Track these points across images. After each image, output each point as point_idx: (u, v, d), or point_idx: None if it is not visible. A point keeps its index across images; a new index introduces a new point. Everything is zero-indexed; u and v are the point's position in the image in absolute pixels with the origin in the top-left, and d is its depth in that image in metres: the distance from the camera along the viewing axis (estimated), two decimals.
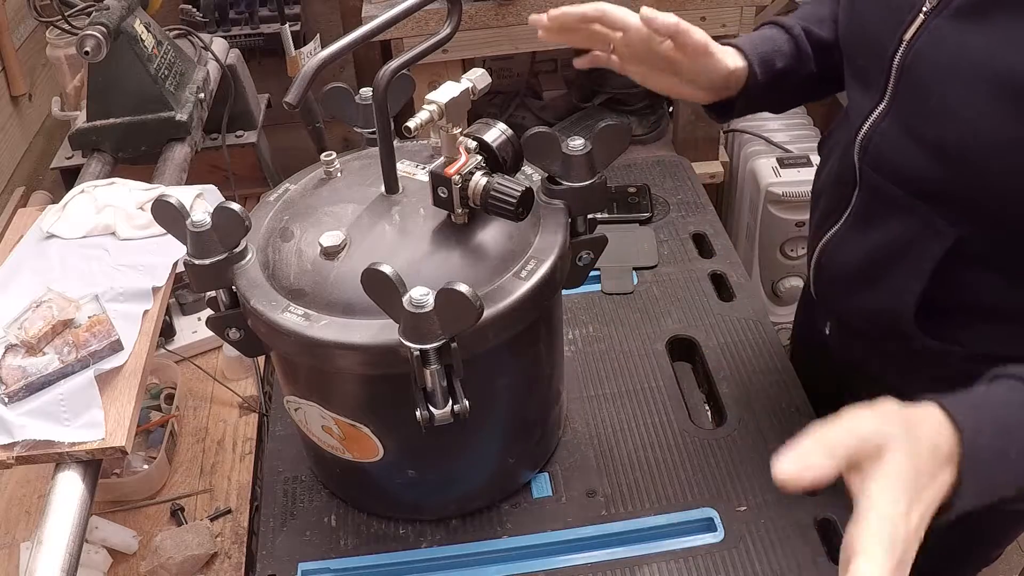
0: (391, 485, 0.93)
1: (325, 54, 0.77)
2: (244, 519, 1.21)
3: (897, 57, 0.81)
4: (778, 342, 1.13)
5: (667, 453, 0.99)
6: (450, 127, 0.80)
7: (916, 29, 0.79)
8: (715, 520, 0.92)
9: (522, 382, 0.90)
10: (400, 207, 0.84)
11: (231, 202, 0.80)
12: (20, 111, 1.79)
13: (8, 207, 1.63)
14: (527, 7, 1.70)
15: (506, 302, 0.78)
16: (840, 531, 0.90)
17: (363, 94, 0.95)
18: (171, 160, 1.39)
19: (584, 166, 0.86)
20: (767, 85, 0.95)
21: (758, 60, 0.95)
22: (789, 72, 0.97)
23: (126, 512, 1.23)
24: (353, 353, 0.77)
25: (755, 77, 0.94)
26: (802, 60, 0.98)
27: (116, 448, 0.88)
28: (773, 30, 0.99)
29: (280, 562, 0.92)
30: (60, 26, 1.50)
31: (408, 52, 0.82)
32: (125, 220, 1.09)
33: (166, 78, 1.44)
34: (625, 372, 1.10)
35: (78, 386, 0.90)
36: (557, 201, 0.87)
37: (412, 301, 0.71)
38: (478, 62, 1.91)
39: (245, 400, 1.37)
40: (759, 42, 0.97)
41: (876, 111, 0.85)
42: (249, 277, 0.83)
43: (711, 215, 1.34)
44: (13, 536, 1.20)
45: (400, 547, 0.93)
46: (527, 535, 0.93)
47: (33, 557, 0.81)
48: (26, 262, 1.07)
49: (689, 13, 1.73)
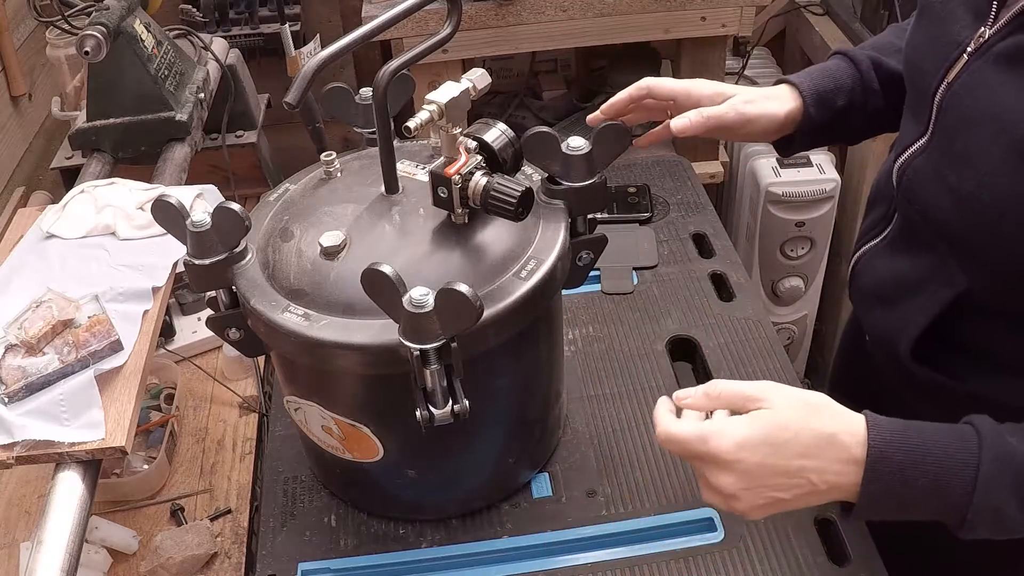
0: (391, 485, 0.93)
1: (325, 54, 0.77)
2: (244, 519, 1.21)
3: (938, 96, 0.79)
4: (778, 342, 1.12)
5: (667, 453, 0.99)
6: (450, 127, 0.80)
7: (959, 70, 0.78)
8: (715, 520, 0.92)
9: (522, 382, 0.90)
10: (400, 207, 0.84)
11: (231, 202, 0.80)
12: (20, 111, 1.78)
13: (8, 207, 1.63)
14: (527, 7, 1.70)
15: (506, 302, 0.78)
16: (840, 531, 0.90)
17: (363, 94, 0.95)
18: (171, 160, 1.39)
19: (584, 166, 0.86)
20: (827, 123, 0.95)
21: (814, 100, 0.94)
22: (852, 108, 0.96)
23: (126, 512, 1.23)
24: (353, 353, 0.77)
25: (810, 118, 0.94)
26: (868, 94, 0.96)
27: (116, 448, 0.88)
28: (840, 62, 0.98)
29: (280, 562, 0.92)
30: (60, 26, 1.50)
31: (408, 52, 0.82)
32: (125, 220, 1.09)
33: (166, 78, 1.44)
34: (625, 372, 1.10)
35: (78, 386, 0.90)
36: (557, 201, 0.87)
37: (412, 301, 0.71)
38: (478, 62, 1.91)
39: (245, 400, 1.37)
40: (819, 78, 0.96)
41: (916, 144, 0.84)
42: (249, 277, 0.83)
43: (711, 215, 1.34)
44: (13, 536, 1.20)
45: (400, 547, 0.93)
46: (527, 535, 0.93)
47: (33, 557, 0.81)
48: (26, 262, 1.07)
49: (689, 13, 1.74)
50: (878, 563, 0.87)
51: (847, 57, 0.98)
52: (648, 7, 1.71)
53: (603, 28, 1.74)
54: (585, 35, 1.75)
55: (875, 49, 0.99)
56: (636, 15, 1.73)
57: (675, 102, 0.96)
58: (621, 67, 2.03)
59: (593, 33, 1.75)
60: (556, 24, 1.72)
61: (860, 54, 0.98)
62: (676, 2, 1.72)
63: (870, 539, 0.89)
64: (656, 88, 0.96)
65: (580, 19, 1.72)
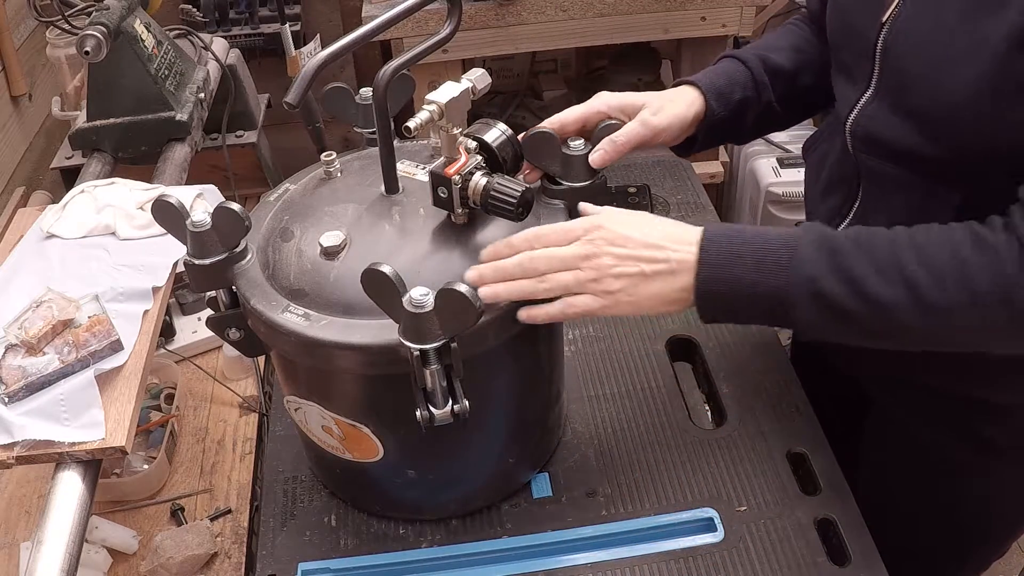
0: (391, 485, 0.93)
1: (325, 54, 0.77)
2: (244, 519, 1.21)
3: (880, 41, 0.83)
4: (778, 342, 1.12)
5: (667, 453, 0.99)
6: (450, 127, 0.80)
7: (893, 9, 0.81)
8: (715, 520, 0.92)
9: (522, 382, 0.90)
10: (400, 207, 0.84)
11: (231, 202, 0.80)
12: (20, 111, 1.79)
13: (8, 207, 1.63)
14: (527, 7, 1.70)
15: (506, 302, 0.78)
16: (840, 531, 0.90)
17: (363, 94, 0.95)
18: (171, 160, 1.39)
19: (584, 166, 0.86)
20: (726, 118, 0.98)
21: (714, 95, 0.97)
22: (748, 102, 0.99)
23: (126, 512, 1.23)
24: (353, 353, 0.77)
25: (712, 112, 0.96)
26: (759, 89, 1.00)
27: (116, 448, 0.88)
28: (729, 63, 1.02)
29: (280, 562, 0.92)
30: (60, 26, 1.50)
31: (408, 52, 0.82)
32: (125, 220, 1.09)
33: (166, 78, 1.44)
34: (625, 372, 1.10)
35: (78, 386, 0.90)
36: (557, 201, 0.87)
37: (412, 301, 0.71)
38: (478, 62, 1.92)
39: (245, 400, 1.37)
40: (714, 76, 0.99)
41: (863, 99, 0.87)
42: (249, 277, 0.83)
43: (711, 215, 1.34)
44: (13, 536, 1.20)
45: (400, 547, 0.93)
46: (527, 535, 0.93)
47: (33, 557, 0.81)
48: (26, 262, 1.07)
49: (689, 13, 1.74)
50: (878, 563, 0.87)
51: (735, 58, 1.02)
52: (648, 7, 1.72)
53: (603, 28, 1.74)
54: (585, 35, 1.75)
55: (759, 49, 1.03)
56: (636, 15, 1.73)
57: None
58: (621, 67, 2.03)
59: (593, 33, 1.75)
60: (556, 24, 1.72)
61: (746, 53, 1.02)
62: (676, 2, 1.72)
63: (870, 539, 0.89)
64: (565, 120, 0.93)
65: (580, 19, 1.72)
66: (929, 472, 1.04)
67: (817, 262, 0.75)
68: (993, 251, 0.72)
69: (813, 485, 0.95)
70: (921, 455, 1.03)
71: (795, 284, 0.75)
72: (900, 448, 1.06)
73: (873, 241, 0.75)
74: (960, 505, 1.04)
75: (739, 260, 0.76)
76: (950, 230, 0.75)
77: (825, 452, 0.98)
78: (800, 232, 0.77)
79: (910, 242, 0.74)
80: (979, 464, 0.99)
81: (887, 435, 1.07)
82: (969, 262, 0.72)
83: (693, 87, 0.97)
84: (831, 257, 0.75)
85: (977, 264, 0.72)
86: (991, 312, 0.72)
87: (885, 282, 0.73)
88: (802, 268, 0.75)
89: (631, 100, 0.94)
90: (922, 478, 1.05)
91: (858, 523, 0.91)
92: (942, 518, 1.06)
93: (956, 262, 0.72)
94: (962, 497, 1.03)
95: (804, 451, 0.98)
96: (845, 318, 0.75)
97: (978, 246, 0.72)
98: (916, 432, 1.02)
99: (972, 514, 1.04)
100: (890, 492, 1.07)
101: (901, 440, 1.05)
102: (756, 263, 0.76)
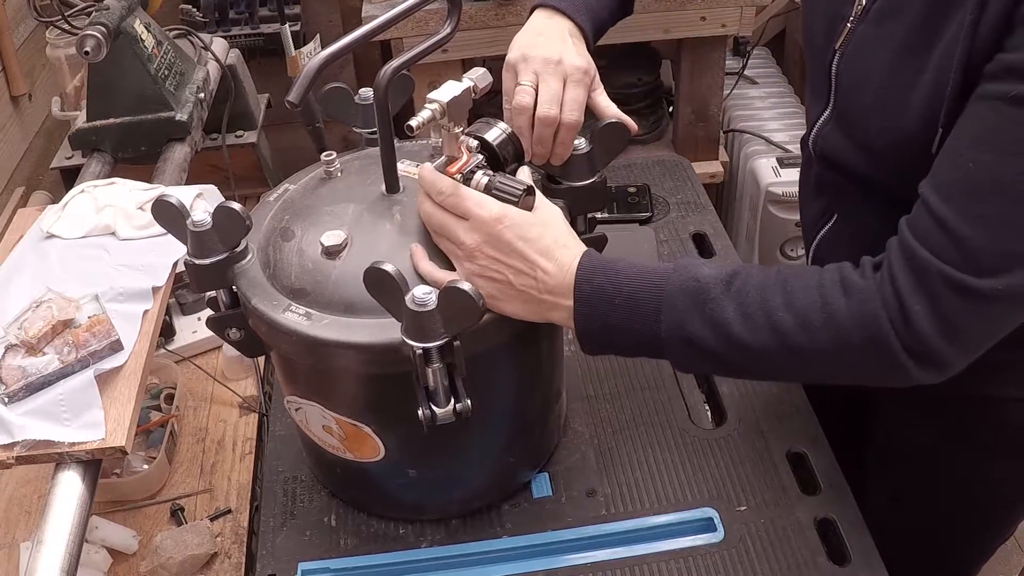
0: (391, 485, 0.92)
1: (326, 54, 0.77)
2: (244, 519, 1.21)
3: (833, 66, 0.86)
4: None
5: (667, 453, 0.99)
6: (451, 126, 0.80)
7: (844, 37, 0.83)
8: (715, 520, 0.92)
9: (523, 381, 0.90)
10: (401, 206, 0.84)
11: (232, 202, 0.80)
12: (20, 111, 1.78)
13: (8, 207, 1.63)
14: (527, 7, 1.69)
15: None
16: (840, 531, 0.90)
17: (363, 94, 0.95)
18: (171, 160, 1.39)
19: (584, 166, 0.86)
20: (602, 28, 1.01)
21: (593, 31, 0.98)
22: (613, 11, 1.03)
23: (126, 512, 1.23)
24: (355, 352, 0.77)
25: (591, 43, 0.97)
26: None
27: (116, 448, 0.88)
28: None
29: (280, 562, 0.92)
30: (60, 26, 1.50)
31: (408, 52, 0.82)
32: (125, 220, 1.09)
33: (166, 78, 1.44)
34: (625, 372, 1.10)
35: (78, 386, 0.89)
36: (557, 201, 0.87)
37: (415, 300, 0.71)
38: (478, 62, 1.91)
39: (245, 400, 1.37)
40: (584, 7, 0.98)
41: (822, 118, 0.90)
42: (250, 277, 0.83)
43: (711, 215, 1.34)
44: (13, 536, 1.20)
45: (400, 547, 0.93)
46: (527, 535, 0.93)
47: (33, 557, 0.81)
48: (26, 262, 1.07)
49: (689, 13, 1.74)
50: (878, 563, 0.87)
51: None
52: (648, 7, 1.72)
53: None
54: None
55: None
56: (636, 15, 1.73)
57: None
58: (621, 67, 2.03)
59: None
60: None
61: None
62: (676, 2, 1.72)
63: (870, 539, 0.89)
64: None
65: None
66: (930, 472, 1.04)
67: (685, 309, 0.75)
68: (859, 294, 0.72)
69: (813, 485, 0.95)
70: (922, 455, 1.03)
71: (666, 330, 0.76)
72: (901, 448, 1.06)
73: (746, 286, 0.75)
74: (961, 503, 1.04)
75: (611, 307, 0.77)
76: (820, 273, 0.75)
77: (825, 452, 0.98)
78: (671, 275, 0.77)
79: (781, 286, 0.74)
80: (979, 463, 0.99)
81: (889, 435, 1.07)
82: (835, 306, 0.72)
83: (577, 29, 0.96)
84: (699, 304, 0.75)
85: (844, 308, 0.72)
86: (858, 355, 0.73)
87: (752, 328, 0.74)
88: (671, 315, 0.76)
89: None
90: (923, 478, 1.05)
91: (858, 523, 0.91)
92: (944, 517, 1.06)
93: (822, 306, 0.72)
94: (962, 496, 1.03)
95: (804, 451, 0.98)
96: (716, 360, 0.77)
97: (845, 289, 0.73)
98: (917, 432, 1.02)
99: (973, 508, 1.05)
100: (894, 492, 1.07)
101: (902, 440, 1.05)
102: (628, 311, 0.77)
